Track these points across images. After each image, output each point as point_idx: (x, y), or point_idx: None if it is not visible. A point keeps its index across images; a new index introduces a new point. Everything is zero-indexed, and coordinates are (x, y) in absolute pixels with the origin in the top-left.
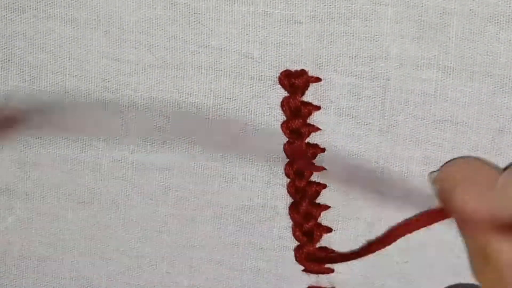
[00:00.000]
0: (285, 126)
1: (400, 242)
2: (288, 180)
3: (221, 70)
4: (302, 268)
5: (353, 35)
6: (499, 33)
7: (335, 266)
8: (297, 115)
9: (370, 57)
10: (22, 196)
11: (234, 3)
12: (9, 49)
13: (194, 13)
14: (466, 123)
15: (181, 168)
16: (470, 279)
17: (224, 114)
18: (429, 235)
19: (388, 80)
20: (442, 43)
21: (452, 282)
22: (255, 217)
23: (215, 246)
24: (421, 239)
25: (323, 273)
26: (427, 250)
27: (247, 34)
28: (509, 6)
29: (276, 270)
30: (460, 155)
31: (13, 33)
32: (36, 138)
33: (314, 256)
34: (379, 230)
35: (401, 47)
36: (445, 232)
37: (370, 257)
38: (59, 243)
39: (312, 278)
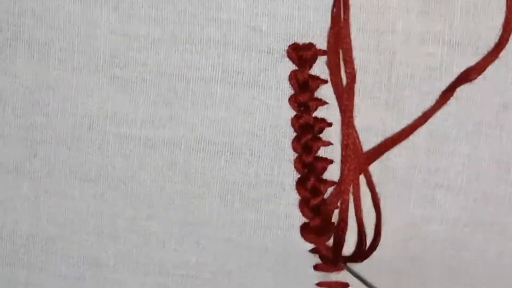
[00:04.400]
0: (293, 99)
1: (405, 216)
2: (295, 155)
3: (230, 44)
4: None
5: (360, 9)
6: (503, 8)
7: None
8: (305, 88)
9: (376, 31)
10: (30, 175)
11: None
12: (17, 27)
13: None
14: (470, 98)
15: (188, 144)
16: (473, 252)
17: (232, 88)
18: (433, 210)
19: (395, 54)
20: (447, 17)
21: (455, 255)
22: (261, 193)
23: (222, 224)
24: (425, 214)
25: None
26: (431, 224)
27: (255, 7)
28: None
29: (284, 249)
30: (464, 130)
31: (21, 10)
32: (43, 116)
33: (320, 230)
34: (385, 205)
35: (407, 21)
36: (449, 207)
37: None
38: (66, 222)
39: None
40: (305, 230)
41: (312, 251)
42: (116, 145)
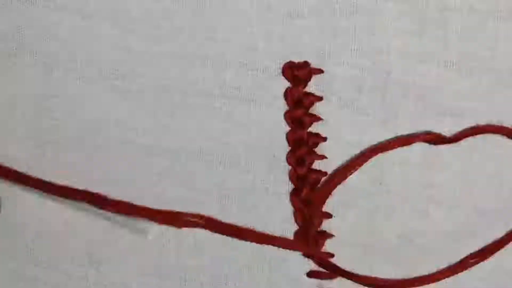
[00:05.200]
0: (288, 115)
1: (398, 227)
2: (290, 167)
3: (226, 62)
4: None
5: (355, 29)
6: (499, 28)
7: (333, 251)
8: (300, 105)
9: (372, 51)
10: (37, 174)
11: None
12: (23, 38)
13: (200, 6)
14: (465, 116)
15: (187, 154)
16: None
17: (229, 102)
18: (426, 224)
19: (389, 73)
20: (442, 38)
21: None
22: (257, 201)
23: None
24: (418, 228)
25: (323, 257)
26: (425, 237)
27: (251, 27)
28: (509, 1)
29: (279, 253)
30: (458, 144)
31: (26, 22)
32: (51, 120)
33: (312, 240)
34: (378, 218)
35: (402, 41)
36: (443, 220)
37: (369, 243)
38: (72, 220)
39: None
40: (297, 238)
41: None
42: (118, 151)
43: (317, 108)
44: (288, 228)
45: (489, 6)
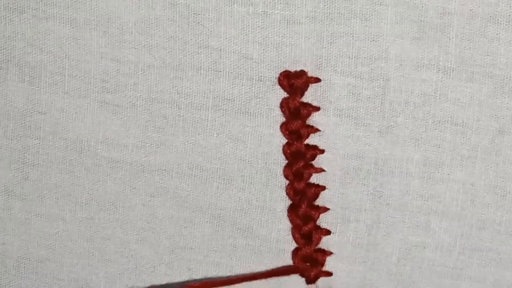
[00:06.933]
0: (284, 127)
1: (399, 243)
2: (287, 182)
3: (220, 71)
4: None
5: (352, 36)
6: (499, 33)
7: (333, 268)
8: (297, 116)
9: (370, 58)
10: (21, 197)
11: (234, 4)
12: (8, 50)
13: (194, 13)
14: (466, 123)
15: (179, 170)
16: (469, 281)
17: (223, 115)
18: (428, 237)
19: (388, 80)
20: (442, 43)
21: (451, 284)
22: (253, 219)
23: (213, 249)
24: (419, 240)
25: (320, 275)
26: (426, 251)
27: (246, 35)
28: (509, 6)
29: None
30: (460, 156)
31: (12, 33)
32: (35, 139)
33: (311, 258)
34: (378, 232)
35: (401, 47)
36: (444, 234)
37: (370, 258)
38: (57, 244)
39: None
40: (296, 257)
41: (303, 275)
42: (107, 169)
43: (314, 119)
44: (285, 248)
45: (490, 10)
